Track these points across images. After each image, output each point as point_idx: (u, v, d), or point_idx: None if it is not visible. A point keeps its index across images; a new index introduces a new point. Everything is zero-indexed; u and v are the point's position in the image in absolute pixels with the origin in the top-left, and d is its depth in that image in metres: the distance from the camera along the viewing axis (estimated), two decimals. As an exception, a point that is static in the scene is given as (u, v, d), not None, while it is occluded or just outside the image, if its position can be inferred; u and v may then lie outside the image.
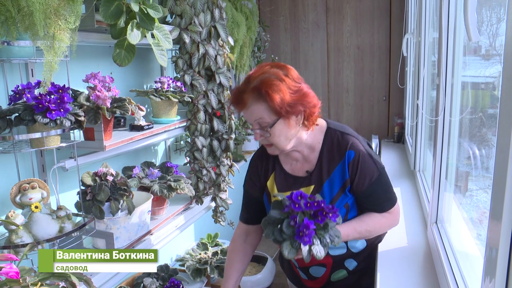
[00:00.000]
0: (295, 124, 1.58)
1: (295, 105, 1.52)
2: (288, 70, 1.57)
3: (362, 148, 1.63)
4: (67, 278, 1.13)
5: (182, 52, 2.18)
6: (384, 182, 1.66)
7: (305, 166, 1.70)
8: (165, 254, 2.81)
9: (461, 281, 1.43)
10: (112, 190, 1.80)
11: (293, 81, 1.55)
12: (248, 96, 1.53)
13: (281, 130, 1.56)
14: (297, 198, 1.44)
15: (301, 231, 1.40)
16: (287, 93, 1.51)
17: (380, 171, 1.64)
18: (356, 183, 1.63)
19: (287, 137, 1.59)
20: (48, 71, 1.41)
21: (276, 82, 1.51)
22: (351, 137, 1.65)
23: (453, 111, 1.81)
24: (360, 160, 1.61)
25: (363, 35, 4.41)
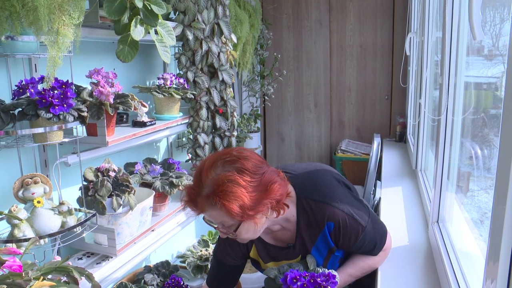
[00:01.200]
0: (262, 218, 1.43)
1: (258, 206, 1.35)
2: (243, 162, 1.36)
3: (340, 214, 1.51)
4: (69, 273, 1.14)
5: (185, 49, 2.18)
6: (371, 232, 1.57)
7: (286, 234, 1.61)
8: (166, 250, 2.81)
9: (462, 281, 1.43)
10: (114, 186, 1.80)
11: (251, 175, 1.35)
12: (202, 202, 1.35)
13: (247, 229, 1.42)
14: (292, 281, 1.40)
15: None
16: (246, 195, 1.32)
17: (364, 225, 1.54)
18: (341, 245, 1.56)
19: (256, 231, 1.46)
20: (51, 66, 1.41)
21: (231, 188, 1.31)
22: (325, 206, 1.52)
23: (456, 111, 1.81)
24: (341, 228, 1.51)
25: (366, 34, 4.41)
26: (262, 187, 1.36)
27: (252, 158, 1.38)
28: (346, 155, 4.29)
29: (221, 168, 1.34)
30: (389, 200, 2.58)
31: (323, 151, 4.73)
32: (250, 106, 4.18)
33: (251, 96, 4.06)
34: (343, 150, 4.34)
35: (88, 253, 1.90)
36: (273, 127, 4.84)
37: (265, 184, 1.36)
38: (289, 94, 4.73)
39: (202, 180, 1.35)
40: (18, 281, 0.98)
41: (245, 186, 1.32)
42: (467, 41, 1.76)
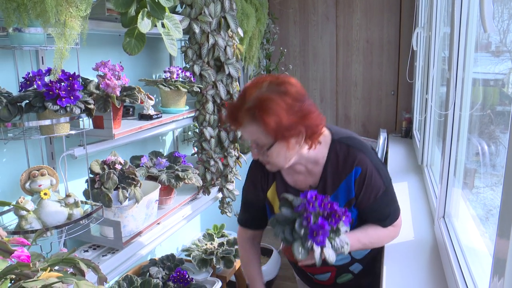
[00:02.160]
0: (294, 144, 1.47)
1: (293, 127, 1.41)
2: (288, 87, 1.42)
3: (369, 163, 1.55)
4: (75, 264, 1.14)
5: (192, 42, 2.18)
6: (389, 197, 1.61)
7: (308, 179, 1.64)
8: (172, 244, 2.82)
9: (469, 276, 1.43)
10: (120, 178, 1.80)
11: (293, 100, 1.41)
12: (242, 116, 1.42)
13: (279, 152, 1.47)
14: (312, 198, 1.40)
15: (315, 230, 1.35)
16: (284, 115, 1.38)
17: (386, 185, 1.58)
18: (360, 199, 1.58)
19: (286, 157, 1.50)
20: (58, 59, 1.41)
21: (272, 105, 1.38)
22: (358, 152, 1.56)
23: (463, 106, 1.80)
24: (366, 177, 1.54)
25: (373, 29, 4.39)
26: (301, 113, 1.41)
27: (296, 86, 1.44)
28: (352, 150, 4.27)
29: (265, 88, 1.41)
30: (395, 195, 2.57)
31: (329, 146, 4.71)
32: (256, 100, 4.16)
33: (257, 90, 4.05)
34: (349, 145, 4.32)
35: (94, 246, 1.91)
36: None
37: (304, 111, 1.41)
38: (295, 88, 4.71)
39: (245, 96, 1.42)
40: (26, 271, 0.98)
41: (284, 107, 1.38)
42: (476, 36, 1.75)
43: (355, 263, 1.79)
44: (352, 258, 1.76)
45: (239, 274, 2.91)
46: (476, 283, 1.37)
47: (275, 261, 3.68)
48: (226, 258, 2.54)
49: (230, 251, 2.55)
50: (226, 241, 2.75)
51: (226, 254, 2.54)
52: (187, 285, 2.18)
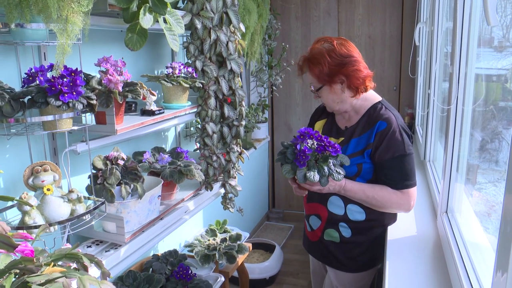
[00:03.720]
0: (340, 91, 1.86)
1: (334, 75, 1.82)
2: (335, 45, 1.84)
3: (396, 124, 1.81)
4: (78, 259, 1.14)
5: (194, 37, 2.17)
6: (406, 164, 1.79)
7: (347, 123, 1.96)
8: (174, 239, 2.82)
9: (472, 271, 1.43)
10: (123, 174, 1.81)
11: (337, 55, 1.82)
12: (303, 64, 1.93)
13: (327, 94, 1.90)
14: (304, 131, 1.74)
15: (299, 156, 1.68)
16: (326, 66, 1.82)
17: (406, 152, 1.79)
18: (379, 153, 1.80)
19: (334, 100, 1.90)
20: (61, 54, 1.41)
21: (318, 57, 1.83)
22: (390, 114, 1.85)
23: (466, 101, 1.79)
24: (389, 133, 1.79)
25: (375, 24, 4.38)
26: (342, 66, 1.82)
27: (346, 47, 1.85)
28: (354, 146, 4.28)
29: (321, 45, 1.87)
30: (397, 191, 2.57)
31: (331, 142, 4.71)
32: (258, 96, 4.17)
33: (259, 86, 4.05)
34: (351, 141, 4.32)
35: (97, 241, 1.92)
36: (280, 117, 4.83)
37: (345, 64, 1.82)
38: (297, 84, 4.71)
39: (309, 50, 1.92)
40: (30, 266, 0.98)
41: (328, 59, 1.82)
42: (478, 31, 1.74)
43: (345, 223, 1.93)
44: (345, 214, 1.93)
45: (242, 269, 2.92)
46: (479, 278, 1.37)
47: (278, 256, 3.69)
48: (228, 253, 2.54)
49: (233, 247, 2.56)
50: (228, 236, 2.75)
51: (229, 250, 2.55)
52: (190, 280, 2.19)
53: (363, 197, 1.83)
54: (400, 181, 1.81)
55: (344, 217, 1.93)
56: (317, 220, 2.03)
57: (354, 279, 2.01)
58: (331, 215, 1.96)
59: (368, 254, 1.97)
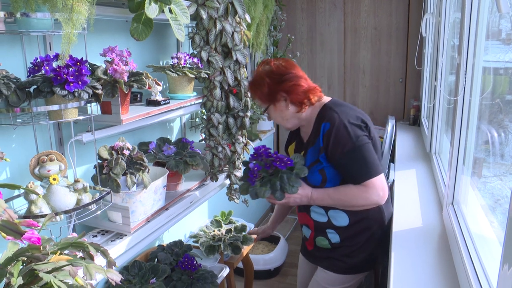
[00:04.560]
0: (285, 108, 1.90)
1: (275, 94, 1.88)
2: (273, 66, 1.90)
3: (339, 120, 1.80)
4: (84, 248, 1.14)
5: (199, 28, 2.16)
6: (360, 156, 1.77)
7: (306, 136, 1.98)
8: (179, 230, 2.83)
9: (478, 263, 1.42)
10: (129, 164, 1.81)
11: (276, 74, 1.87)
12: (249, 89, 2.01)
13: (274, 113, 1.94)
14: (257, 149, 1.84)
15: (249, 174, 1.79)
16: (266, 86, 1.88)
17: (356, 144, 1.77)
18: (330, 152, 1.80)
19: (282, 118, 1.94)
20: (66, 43, 1.41)
21: (258, 80, 1.91)
22: (332, 112, 1.84)
23: (473, 92, 1.78)
24: (333, 131, 1.79)
25: (381, 16, 4.35)
26: (280, 85, 1.87)
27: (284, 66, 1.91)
28: (359, 138, 4.26)
29: (262, 68, 1.93)
30: (403, 182, 2.57)
31: (336, 134, 4.69)
32: (263, 88, 4.15)
33: (264, 77, 4.03)
34: (356, 133, 4.31)
35: (102, 231, 1.92)
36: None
37: (282, 81, 1.87)
38: (302, 76, 4.69)
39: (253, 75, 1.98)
40: (37, 254, 0.98)
41: (266, 80, 1.88)
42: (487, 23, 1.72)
43: (332, 230, 1.94)
44: (329, 220, 1.93)
45: (247, 260, 2.92)
46: (486, 270, 1.37)
47: (283, 248, 3.70)
48: (233, 244, 2.55)
49: (238, 238, 2.56)
50: (233, 227, 2.76)
51: (234, 241, 2.55)
52: (195, 270, 2.20)
53: (331, 201, 1.85)
54: (359, 175, 1.79)
55: (329, 224, 1.94)
56: (307, 229, 2.06)
57: (343, 280, 2.01)
58: (316, 223, 1.98)
59: (360, 256, 1.96)
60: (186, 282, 2.14)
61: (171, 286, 2.12)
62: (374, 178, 1.77)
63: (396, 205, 2.19)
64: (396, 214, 2.08)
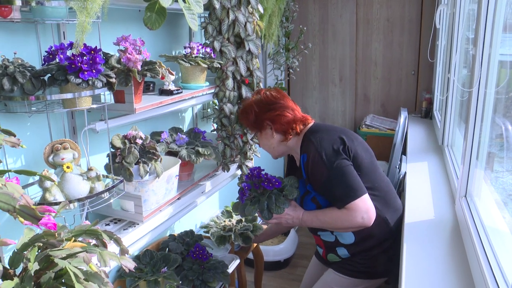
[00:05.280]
0: (270, 136, 2.00)
1: (261, 122, 1.99)
2: (262, 95, 2.03)
3: (314, 151, 1.84)
4: (98, 236, 1.15)
5: (212, 18, 2.16)
6: (337, 182, 1.79)
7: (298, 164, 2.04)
8: (190, 220, 2.84)
9: (492, 255, 1.42)
10: (141, 153, 1.81)
11: (264, 103, 2.00)
12: (238, 117, 2.19)
13: (261, 140, 2.07)
14: (252, 171, 1.92)
15: (240, 193, 1.92)
16: (253, 114, 2.01)
17: (332, 171, 1.79)
18: (312, 183, 1.88)
19: (269, 145, 2.05)
20: (80, 32, 1.41)
21: (247, 108, 2.05)
22: (309, 142, 1.89)
23: (488, 84, 1.76)
24: (310, 162, 1.85)
25: (394, 7, 4.31)
26: (266, 114, 1.97)
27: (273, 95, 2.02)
28: (371, 130, 4.25)
29: (253, 97, 2.06)
30: (414, 175, 2.56)
31: (347, 125, 4.69)
32: (274, 79, 4.15)
33: (276, 69, 4.02)
34: (368, 125, 4.30)
35: (115, 219, 1.93)
36: (297, 100, 4.80)
37: (268, 110, 1.98)
38: (314, 67, 4.68)
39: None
40: (52, 241, 0.99)
41: (255, 109, 2.00)
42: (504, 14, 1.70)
43: (341, 247, 1.99)
44: (336, 239, 1.99)
45: (257, 251, 2.93)
46: (500, 262, 1.36)
47: (292, 240, 3.70)
48: (244, 234, 2.54)
49: (248, 227, 2.55)
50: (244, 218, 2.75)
51: (244, 231, 2.54)
52: (206, 260, 2.20)
53: (319, 223, 1.89)
54: (340, 200, 1.80)
55: (337, 242, 1.99)
56: (319, 248, 2.16)
57: (352, 283, 2.01)
58: (326, 243, 2.05)
59: (371, 265, 1.98)
60: (197, 272, 2.15)
61: (182, 275, 2.13)
62: (356, 200, 1.77)
63: (408, 197, 2.19)
64: (408, 206, 2.08)
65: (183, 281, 2.11)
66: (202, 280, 2.14)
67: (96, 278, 0.99)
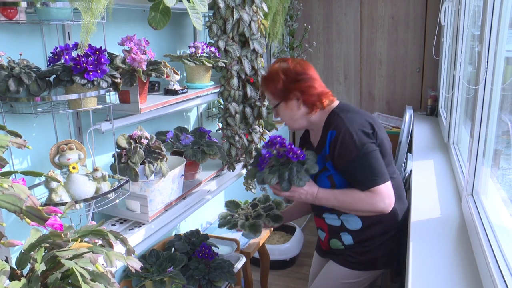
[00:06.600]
0: (296, 107, 1.90)
1: (288, 92, 1.87)
2: (291, 64, 1.90)
3: (345, 128, 1.80)
4: (104, 236, 1.15)
5: (217, 17, 2.16)
6: (366, 163, 1.77)
7: (315, 141, 1.98)
8: (196, 219, 2.84)
9: (499, 253, 1.41)
10: (147, 153, 1.82)
11: (293, 73, 1.87)
12: (262, 84, 2.00)
13: (283, 111, 1.93)
14: (272, 138, 1.83)
15: (260, 159, 1.81)
16: (281, 83, 1.87)
17: (361, 152, 1.76)
18: (335, 160, 1.81)
19: (291, 117, 1.93)
20: (85, 32, 1.42)
21: (274, 75, 1.90)
22: (339, 119, 1.84)
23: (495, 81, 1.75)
24: (339, 140, 1.79)
25: (398, 4, 4.30)
26: (296, 83, 1.87)
27: (301, 65, 1.91)
28: (376, 128, 4.23)
29: (278, 65, 1.92)
30: (420, 173, 2.55)
31: (352, 124, 4.67)
32: (279, 78, 4.13)
33: (280, 67, 4.01)
34: (373, 123, 4.28)
35: (120, 220, 1.94)
36: (301, 99, 4.80)
37: (298, 81, 1.87)
38: (318, 66, 4.67)
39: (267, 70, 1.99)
40: (58, 241, 0.99)
41: (284, 77, 1.88)
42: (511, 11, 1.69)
43: (345, 233, 1.94)
44: (342, 224, 1.94)
45: (263, 250, 2.93)
46: (507, 260, 1.36)
47: (298, 238, 3.70)
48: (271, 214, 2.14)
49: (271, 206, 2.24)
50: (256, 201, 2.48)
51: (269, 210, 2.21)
52: (212, 259, 2.21)
53: (336, 202, 1.83)
54: (365, 181, 1.78)
55: (342, 227, 1.95)
56: (322, 232, 2.07)
57: (352, 275, 1.99)
58: (330, 227, 1.99)
59: (373, 255, 1.95)
60: (203, 271, 2.15)
61: (188, 275, 2.13)
62: (381, 185, 1.77)
63: (414, 195, 2.18)
64: (414, 204, 2.07)
65: (189, 281, 2.11)
66: (208, 280, 2.14)
67: (102, 279, 0.99)
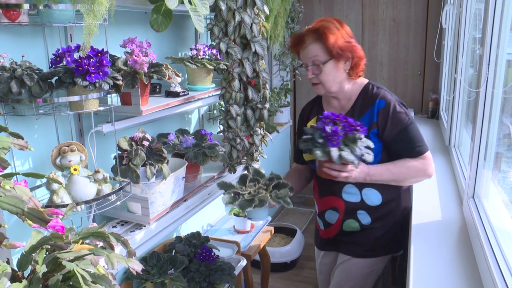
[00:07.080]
0: (343, 68, 1.86)
1: (344, 51, 1.80)
2: (343, 24, 1.86)
3: (392, 99, 1.84)
4: (105, 238, 1.15)
5: (218, 19, 2.16)
6: (414, 131, 1.83)
7: (338, 110, 1.95)
8: (197, 222, 2.84)
9: (500, 256, 1.41)
10: (148, 155, 1.82)
11: (346, 33, 1.83)
12: (308, 36, 1.84)
13: (330, 70, 1.84)
14: (328, 115, 1.73)
15: (331, 136, 1.66)
16: (340, 38, 1.80)
17: (410, 121, 1.82)
18: (387, 130, 1.81)
19: (334, 78, 1.86)
20: (87, 34, 1.42)
21: (333, 28, 1.80)
22: (384, 91, 1.87)
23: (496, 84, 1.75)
24: (390, 109, 1.81)
25: (400, 7, 4.30)
26: (350, 43, 1.83)
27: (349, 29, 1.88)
28: (377, 131, 4.23)
29: (327, 19, 1.86)
30: (421, 176, 2.54)
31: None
32: (280, 80, 4.15)
33: (282, 70, 4.02)
34: (374, 126, 4.28)
35: (122, 222, 1.94)
36: (303, 102, 4.78)
37: (352, 43, 1.83)
38: (319, 68, 4.66)
39: (311, 26, 1.86)
40: (59, 243, 1.00)
41: (341, 34, 1.82)
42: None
43: (363, 210, 1.92)
44: (362, 200, 1.91)
45: (264, 253, 2.93)
46: (509, 262, 1.35)
47: (299, 241, 3.70)
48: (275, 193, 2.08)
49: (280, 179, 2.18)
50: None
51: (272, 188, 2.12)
52: (213, 262, 2.20)
53: (390, 176, 1.84)
54: (414, 149, 1.83)
55: (361, 204, 1.91)
56: (334, 213, 1.98)
57: (366, 265, 1.98)
58: (348, 205, 1.93)
59: (386, 238, 1.95)
60: (204, 273, 2.15)
61: (189, 277, 2.13)
62: (428, 151, 1.86)
63: (415, 198, 2.18)
64: (415, 207, 2.07)
65: (189, 283, 2.11)
66: (209, 282, 2.14)
67: (103, 280, 0.99)
